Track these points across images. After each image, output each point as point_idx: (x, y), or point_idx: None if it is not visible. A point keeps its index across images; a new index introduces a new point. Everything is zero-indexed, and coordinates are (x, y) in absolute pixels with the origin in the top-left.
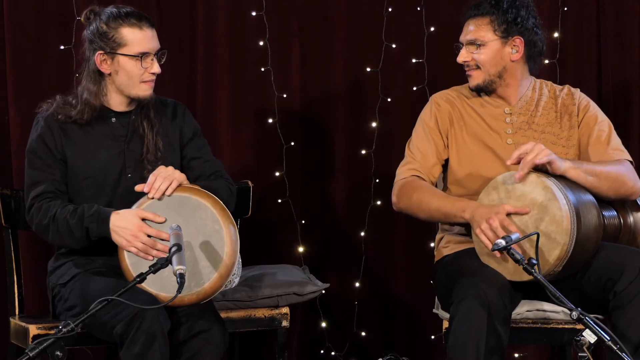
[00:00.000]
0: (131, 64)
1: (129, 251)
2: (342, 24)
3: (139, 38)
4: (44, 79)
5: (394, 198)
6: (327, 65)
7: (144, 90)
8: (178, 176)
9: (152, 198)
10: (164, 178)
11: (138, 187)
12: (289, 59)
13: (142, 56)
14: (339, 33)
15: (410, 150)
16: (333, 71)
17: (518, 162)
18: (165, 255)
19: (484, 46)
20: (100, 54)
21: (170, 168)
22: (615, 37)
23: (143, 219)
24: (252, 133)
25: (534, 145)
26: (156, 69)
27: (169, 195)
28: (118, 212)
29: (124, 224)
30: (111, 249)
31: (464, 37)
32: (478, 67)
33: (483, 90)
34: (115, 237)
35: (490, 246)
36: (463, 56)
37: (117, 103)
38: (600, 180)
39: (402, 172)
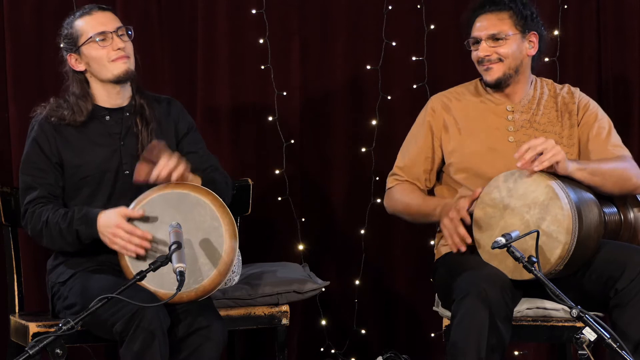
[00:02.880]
0: (93, 49)
1: (113, 249)
2: (342, 21)
3: (90, 23)
4: (44, 77)
5: (385, 204)
6: (327, 63)
7: (118, 68)
8: (184, 162)
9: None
10: (170, 168)
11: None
12: (289, 57)
13: (98, 37)
14: (339, 31)
15: (398, 158)
16: (333, 69)
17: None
18: (143, 250)
19: (506, 40)
20: (70, 56)
21: (175, 156)
22: (615, 35)
23: (130, 219)
24: (252, 131)
25: (545, 140)
26: (118, 43)
27: (174, 180)
28: (103, 212)
29: (105, 223)
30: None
31: (483, 32)
32: (500, 60)
33: (500, 84)
34: (102, 237)
35: (452, 247)
36: (485, 50)
37: (106, 98)
38: (605, 179)
39: (390, 182)
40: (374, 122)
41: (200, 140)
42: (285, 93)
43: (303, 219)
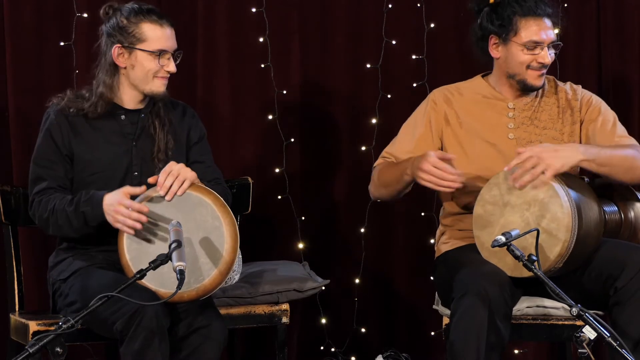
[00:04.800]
0: (149, 60)
1: (116, 227)
2: (342, 20)
3: (158, 35)
4: (44, 76)
5: (369, 189)
6: (327, 61)
7: (158, 87)
8: (190, 175)
9: (163, 197)
10: (175, 177)
11: (151, 179)
12: (289, 55)
13: (160, 53)
14: (339, 29)
15: (391, 144)
16: (333, 67)
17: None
18: (141, 225)
19: (556, 46)
20: (118, 47)
21: (182, 165)
22: (615, 33)
23: (133, 196)
24: (252, 129)
25: (535, 153)
26: (172, 67)
27: (179, 195)
28: (109, 193)
29: (110, 202)
30: (111, 244)
31: (548, 38)
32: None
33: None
34: (107, 218)
35: (436, 187)
36: (549, 57)
37: (129, 99)
38: (613, 169)
39: (375, 164)
40: (373, 121)
41: (209, 152)
42: (285, 91)
43: (303, 218)
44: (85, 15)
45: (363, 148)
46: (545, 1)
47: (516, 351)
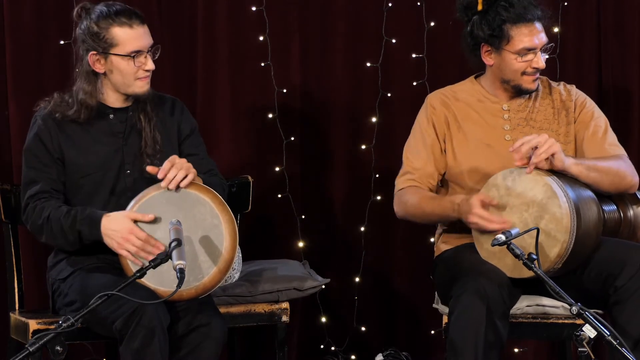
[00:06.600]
0: (124, 64)
1: (120, 254)
2: (342, 19)
3: (130, 37)
4: (44, 74)
5: (395, 208)
6: (327, 60)
7: (140, 87)
8: (194, 169)
9: (167, 189)
10: (179, 169)
11: (150, 168)
12: (289, 54)
13: (134, 55)
14: (339, 28)
15: (407, 158)
16: (333, 66)
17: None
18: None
19: (548, 49)
20: (93, 54)
21: (184, 160)
22: (616, 32)
23: (135, 222)
24: (252, 128)
25: (537, 135)
26: (150, 65)
27: (184, 187)
28: (109, 215)
29: (115, 227)
30: None
31: (541, 42)
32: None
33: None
34: (107, 240)
35: (492, 231)
36: (542, 61)
37: (114, 100)
38: (601, 176)
39: (400, 183)
40: (373, 120)
41: (201, 144)
42: (285, 90)
43: (303, 216)
44: None
45: (363, 147)
46: (534, 3)
47: (516, 350)
